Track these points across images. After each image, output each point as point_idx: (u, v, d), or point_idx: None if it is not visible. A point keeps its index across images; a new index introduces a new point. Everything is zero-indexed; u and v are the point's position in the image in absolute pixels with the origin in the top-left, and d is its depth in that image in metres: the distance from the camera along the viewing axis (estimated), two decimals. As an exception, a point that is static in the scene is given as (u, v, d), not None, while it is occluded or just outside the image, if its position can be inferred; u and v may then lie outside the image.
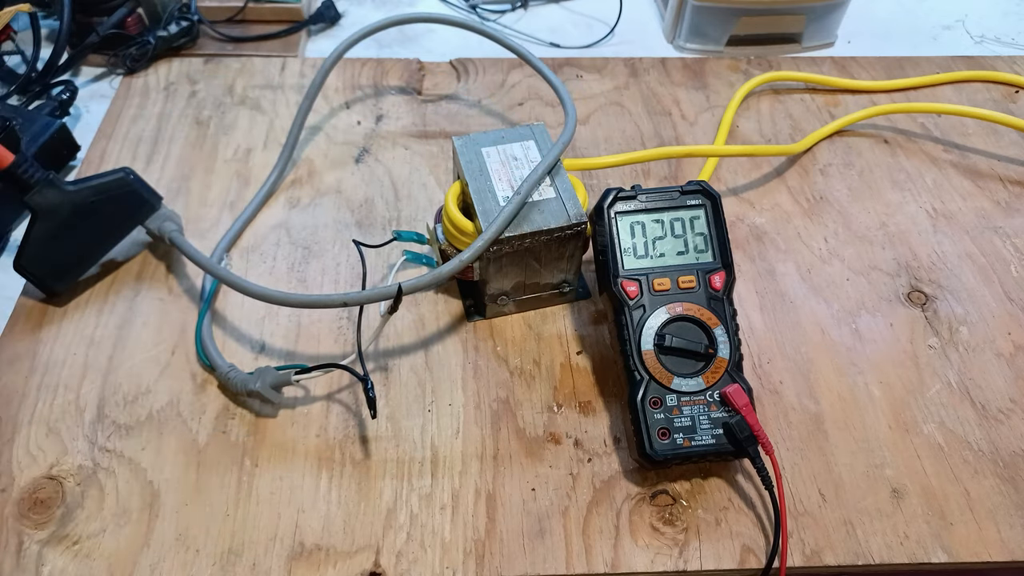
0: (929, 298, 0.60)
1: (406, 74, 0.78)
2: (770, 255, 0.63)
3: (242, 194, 0.66)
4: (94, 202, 0.55)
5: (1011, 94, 0.78)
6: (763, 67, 0.80)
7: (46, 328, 0.56)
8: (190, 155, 0.69)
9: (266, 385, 0.50)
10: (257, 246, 0.62)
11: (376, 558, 0.46)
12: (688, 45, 0.83)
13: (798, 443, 0.52)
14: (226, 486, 0.49)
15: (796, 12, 0.81)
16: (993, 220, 0.66)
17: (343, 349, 0.56)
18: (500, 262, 0.53)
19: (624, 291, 0.50)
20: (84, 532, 0.46)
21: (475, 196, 0.53)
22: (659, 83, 0.78)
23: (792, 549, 0.47)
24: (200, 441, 0.51)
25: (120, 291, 0.59)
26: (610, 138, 0.72)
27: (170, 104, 0.73)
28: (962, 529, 0.48)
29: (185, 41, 0.78)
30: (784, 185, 0.69)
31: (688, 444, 0.47)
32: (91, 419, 0.51)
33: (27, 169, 0.52)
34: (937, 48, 0.86)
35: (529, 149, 0.56)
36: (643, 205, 0.52)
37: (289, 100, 0.74)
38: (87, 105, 0.74)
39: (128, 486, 0.48)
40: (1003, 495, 0.49)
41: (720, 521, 0.48)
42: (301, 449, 0.50)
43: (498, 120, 0.74)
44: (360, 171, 0.68)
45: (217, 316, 0.57)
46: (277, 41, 0.81)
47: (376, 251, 0.61)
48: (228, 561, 0.46)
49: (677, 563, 0.46)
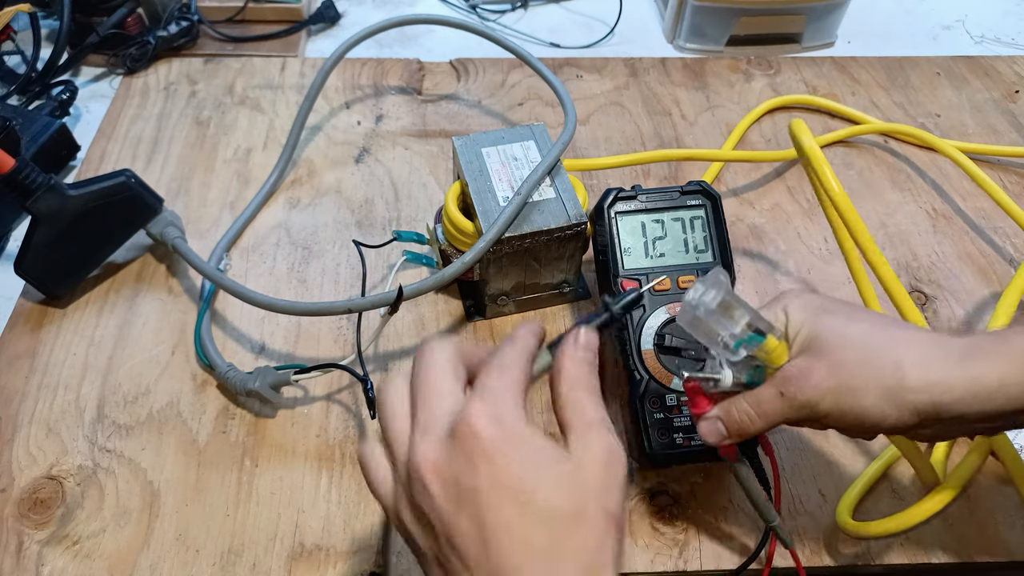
0: (929, 298, 0.60)
1: (406, 74, 0.78)
2: (770, 255, 0.63)
3: (242, 194, 0.66)
4: (95, 206, 0.55)
5: (1011, 94, 0.78)
6: (763, 67, 0.80)
7: (46, 328, 0.56)
8: (190, 155, 0.69)
9: (265, 385, 0.50)
10: (257, 246, 0.62)
11: (376, 558, 0.46)
12: (688, 45, 0.83)
13: (798, 443, 0.52)
14: (226, 486, 0.49)
15: (796, 12, 0.81)
16: (993, 220, 0.66)
17: (343, 350, 0.56)
18: (500, 262, 0.53)
19: (624, 291, 0.50)
20: (84, 532, 0.46)
21: (475, 196, 0.52)
22: (659, 83, 0.78)
23: (792, 549, 0.47)
24: (200, 441, 0.51)
25: (120, 291, 0.59)
26: (610, 138, 0.72)
27: (170, 104, 0.73)
28: (962, 529, 0.48)
29: (185, 41, 0.78)
30: (784, 185, 0.69)
31: (688, 444, 0.47)
32: (91, 419, 0.51)
33: (28, 174, 0.52)
34: (937, 48, 0.86)
35: (529, 149, 0.56)
36: (643, 205, 0.52)
37: (289, 100, 0.74)
38: (87, 105, 0.74)
39: (128, 486, 0.48)
40: (1003, 495, 0.49)
41: (720, 521, 0.48)
42: (301, 449, 0.50)
43: (498, 120, 0.74)
44: (360, 171, 0.68)
45: (217, 316, 0.57)
46: (277, 41, 0.81)
47: (376, 251, 0.61)
48: (228, 561, 0.46)
49: (677, 563, 0.46)
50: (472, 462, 0.28)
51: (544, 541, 0.28)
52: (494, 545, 0.28)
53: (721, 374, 0.39)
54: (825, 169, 0.46)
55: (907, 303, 0.48)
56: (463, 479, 0.29)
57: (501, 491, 0.28)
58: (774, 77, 0.79)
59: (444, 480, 0.29)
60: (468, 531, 0.28)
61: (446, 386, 0.32)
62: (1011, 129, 0.74)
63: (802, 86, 0.78)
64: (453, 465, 0.29)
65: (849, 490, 0.48)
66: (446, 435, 0.30)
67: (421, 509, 0.30)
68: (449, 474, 0.29)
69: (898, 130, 0.72)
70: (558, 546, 0.28)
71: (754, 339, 0.37)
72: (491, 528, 0.28)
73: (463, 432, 0.29)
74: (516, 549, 0.28)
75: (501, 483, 0.28)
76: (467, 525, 0.28)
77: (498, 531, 0.28)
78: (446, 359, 0.32)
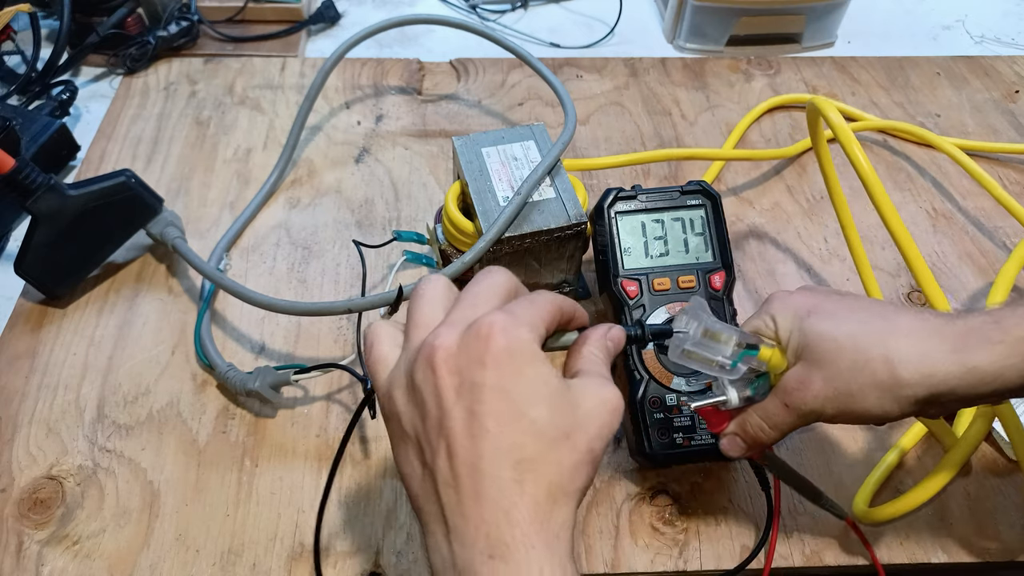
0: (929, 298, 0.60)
1: (406, 74, 0.78)
2: (770, 255, 0.63)
3: (242, 194, 0.66)
4: (95, 207, 0.55)
5: (1011, 94, 0.78)
6: (763, 67, 0.80)
7: (46, 328, 0.56)
8: (190, 155, 0.69)
9: (265, 385, 0.50)
10: (257, 246, 0.62)
11: (376, 558, 0.46)
12: (688, 45, 0.83)
13: (798, 443, 0.52)
14: (226, 486, 0.49)
15: (796, 12, 0.81)
16: (993, 220, 0.66)
17: (343, 350, 0.56)
18: (500, 262, 0.53)
19: (624, 291, 0.50)
20: (84, 532, 0.46)
21: (475, 196, 0.52)
22: (659, 83, 0.78)
23: (792, 549, 0.47)
24: (200, 441, 0.51)
25: (120, 291, 0.59)
26: (610, 138, 0.72)
27: (170, 104, 0.73)
28: (962, 529, 0.48)
29: (185, 41, 0.78)
30: (784, 185, 0.69)
31: (687, 444, 0.47)
32: (91, 419, 0.51)
33: (28, 174, 0.52)
34: (937, 48, 0.86)
35: (529, 149, 0.56)
36: (643, 205, 0.52)
37: (289, 100, 0.74)
38: (87, 105, 0.74)
39: (128, 486, 0.48)
40: (1003, 495, 0.49)
41: (720, 521, 0.48)
42: (301, 449, 0.50)
43: (498, 120, 0.74)
44: (360, 171, 0.68)
45: (217, 316, 0.57)
46: (277, 41, 0.81)
47: (376, 251, 0.61)
48: (228, 561, 0.46)
49: (677, 563, 0.46)
50: (482, 361, 0.30)
51: (528, 448, 0.30)
52: (481, 438, 0.29)
53: (726, 395, 0.40)
54: (854, 146, 0.46)
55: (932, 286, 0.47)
56: (469, 373, 0.30)
57: (501, 394, 0.30)
58: (774, 77, 0.79)
59: (451, 368, 0.31)
60: (460, 419, 0.30)
61: (489, 302, 0.33)
62: (1011, 129, 0.74)
63: (802, 86, 0.78)
64: (463, 357, 0.31)
65: (866, 482, 0.49)
66: (465, 329, 0.32)
67: (420, 391, 0.31)
68: (457, 364, 0.31)
69: (894, 127, 0.73)
70: (538, 456, 0.30)
71: (747, 354, 0.38)
72: (482, 422, 0.30)
73: (479, 332, 0.31)
74: (500, 447, 0.29)
75: (503, 388, 0.30)
76: (461, 414, 0.30)
77: (488, 427, 0.30)
78: (501, 283, 0.35)
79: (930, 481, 0.47)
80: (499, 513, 0.29)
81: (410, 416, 0.32)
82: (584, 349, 0.35)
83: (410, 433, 0.32)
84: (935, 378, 0.35)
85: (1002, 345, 0.34)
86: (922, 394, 0.35)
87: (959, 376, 0.34)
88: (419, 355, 0.31)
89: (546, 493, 0.29)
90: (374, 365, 0.34)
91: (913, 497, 0.46)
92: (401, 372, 0.32)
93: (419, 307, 0.34)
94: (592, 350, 0.35)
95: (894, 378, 0.35)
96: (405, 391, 0.32)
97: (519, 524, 0.29)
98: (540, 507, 0.29)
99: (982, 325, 0.35)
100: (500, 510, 0.29)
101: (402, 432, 0.32)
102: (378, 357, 0.34)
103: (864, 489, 0.48)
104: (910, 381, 0.35)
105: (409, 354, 0.33)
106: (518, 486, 0.29)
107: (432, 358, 0.31)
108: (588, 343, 0.35)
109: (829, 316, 0.38)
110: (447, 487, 0.30)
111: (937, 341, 0.35)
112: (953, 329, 0.36)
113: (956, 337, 0.35)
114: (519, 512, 0.29)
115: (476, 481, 0.29)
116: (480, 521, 0.29)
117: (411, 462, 0.32)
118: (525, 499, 0.29)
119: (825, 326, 0.38)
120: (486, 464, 0.29)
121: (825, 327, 0.37)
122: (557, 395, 0.31)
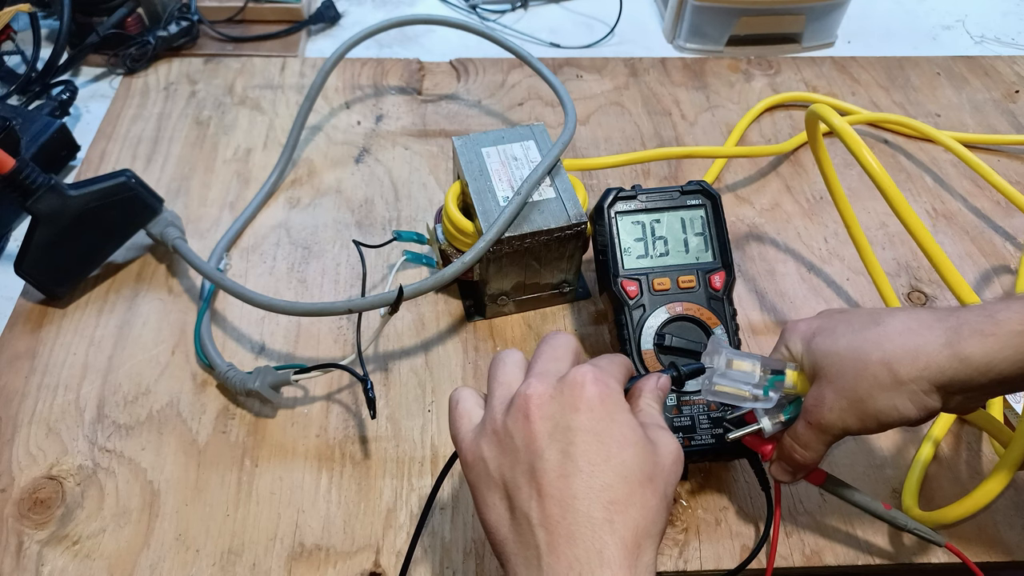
0: (929, 298, 0.60)
1: (406, 74, 0.78)
2: (770, 255, 0.63)
3: (242, 194, 0.66)
4: (96, 207, 0.55)
5: (1011, 94, 0.79)
6: (763, 67, 0.80)
7: (46, 328, 0.56)
8: (190, 155, 0.69)
9: (265, 385, 0.50)
10: (257, 246, 0.62)
11: (376, 558, 0.46)
12: (688, 45, 0.83)
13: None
14: (226, 486, 0.49)
15: (796, 12, 0.81)
16: (993, 220, 0.66)
17: (343, 350, 0.56)
18: (500, 262, 0.53)
19: (624, 291, 0.50)
20: (84, 532, 0.46)
21: (475, 196, 0.52)
22: (659, 83, 0.78)
23: (792, 549, 0.47)
24: (200, 441, 0.51)
25: (120, 291, 0.59)
26: (610, 138, 0.72)
27: (170, 104, 0.73)
28: (962, 529, 0.48)
29: (185, 41, 0.78)
30: (784, 185, 0.69)
31: (688, 444, 0.47)
32: (91, 419, 0.51)
33: (28, 174, 0.52)
34: (937, 48, 0.86)
35: (529, 149, 0.56)
36: (643, 205, 0.52)
37: (289, 100, 0.74)
38: (87, 105, 0.74)
39: (128, 486, 0.48)
40: (1003, 495, 0.49)
41: (720, 521, 0.48)
42: (301, 449, 0.50)
43: (498, 120, 0.74)
44: (360, 171, 0.68)
45: (217, 316, 0.57)
46: (277, 41, 0.81)
47: (376, 251, 0.61)
48: (228, 561, 0.46)
49: (677, 563, 0.46)
50: (575, 406, 0.32)
51: (617, 489, 0.31)
52: (574, 477, 0.31)
53: (761, 423, 0.42)
54: (861, 148, 0.46)
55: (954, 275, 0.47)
56: (562, 418, 0.32)
57: (593, 436, 0.32)
58: (774, 77, 0.79)
59: (544, 414, 0.33)
60: (553, 460, 0.31)
61: (566, 357, 0.36)
62: (1011, 129, 0.74)
63: (802, 86, 0.78)
64: (556, 404, 0.33)
65: (907, 481, 0.49)
66: (557, 380, 0.34)
67: (512, 437, 0.33)
68: (551, 410, 0.33)
69: (889, 119, 0.73)
70: (627, 498, 0.31)
71: (776, 380, 0.40)
72: (575, 462, 0.31)
73: (574, 381, 0.33)
74: (593, 486, 0.31)
75: (595, 431, 0.32)
76: (554, 456, 0.31)
77: (581, 466, 0.31)
78: (571, 343, 0.38)
79: (992, 481, 0.44)
80: (592, 553, 0.29)
81: (497, 462, 0.33)
82: (641, 401, 0.37)
83: (497, 479, 0.33)
84: (931, 371, 0.35)
85: (994, 338, 0.35)
86: (926, 388, 0.36)
87: (954, 368, 0.35)
88: (512, 405, 0.34)
89: (633, 535, 0.30)
90: (458, 420, 0.36)
91: (977, 497, 0.44)
92: (485, 426, 0.34)
93: (500, 368, 0.37)
94: (649, 401, 0.37)
95: (894, 377, 0.36)
96: (492, 439, 0.34)
97: (610, 564, 0.29)
98: (628, 549, 0.30)
99: (976, 318, 0.36)
100: (593, 550, 0.29)
101: (488, 479, 0.33)
102: (462, 412, 0.36)
103: (908, 490, 0.48)
104: (909, 377, 0.36)
105: (495, 407, 0.35)
106: (609, 526, 0.30)
107: (526, 406, 0.33)
108: (644, 395, 0.37)
109: (829, 333, 0.39)
110: (539, 528, 0.30)
111: (929, 336, 0.36)
112: (946, 324, 0.36)
113: (948, 331, 0.36)
114: (610, 552, 0.29)
115: (569, 521, 0.30)
116: (573, 560, 0.29)
117: (496, 507, 0.33)
118: (615, 539, 0.30)
119: (827, 343, 0.39)
120: (579, 503, 0.30)
121: (827, 344, 0.39)
122: (642, 441, 0.33)
